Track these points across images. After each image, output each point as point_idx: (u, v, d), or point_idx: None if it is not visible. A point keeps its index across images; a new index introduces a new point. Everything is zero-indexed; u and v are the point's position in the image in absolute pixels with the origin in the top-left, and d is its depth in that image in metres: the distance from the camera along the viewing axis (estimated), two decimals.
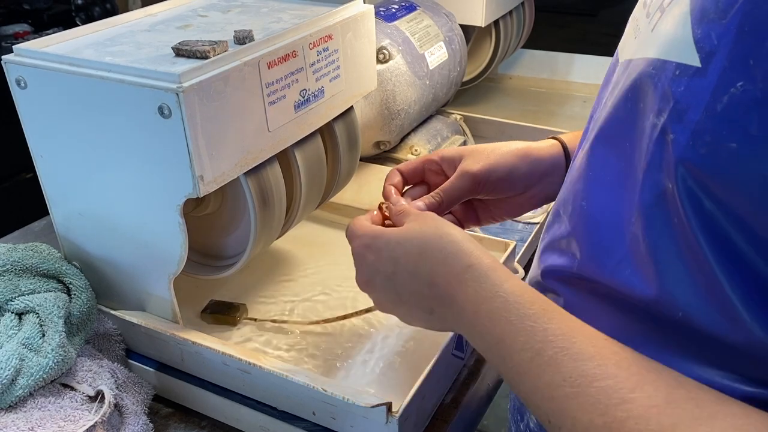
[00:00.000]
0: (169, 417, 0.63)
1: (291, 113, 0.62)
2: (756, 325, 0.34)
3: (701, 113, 0.34)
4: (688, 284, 0.37)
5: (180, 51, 0.55)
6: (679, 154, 0.35)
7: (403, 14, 1.02)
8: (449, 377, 0.64)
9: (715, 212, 0.35)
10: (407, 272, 0.49)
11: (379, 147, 0.99)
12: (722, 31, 0.33)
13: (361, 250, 0.52)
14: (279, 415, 0.58)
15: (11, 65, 0.58)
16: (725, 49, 0.33)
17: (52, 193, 0.65)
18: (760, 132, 0.32)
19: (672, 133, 0.36)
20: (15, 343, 0.56)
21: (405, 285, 0.50)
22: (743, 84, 0.32)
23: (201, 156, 0.53)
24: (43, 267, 0.62)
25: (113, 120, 0.55)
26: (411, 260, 0.49)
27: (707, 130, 0.34)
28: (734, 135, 0.33)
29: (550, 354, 0.39)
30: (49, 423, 0.52)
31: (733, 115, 0.33)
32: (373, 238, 0.52)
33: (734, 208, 0.34)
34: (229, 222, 0.67)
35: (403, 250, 0.49)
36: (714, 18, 0.34)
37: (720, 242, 0.35)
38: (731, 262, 0.35)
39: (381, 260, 0.51)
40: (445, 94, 1.09)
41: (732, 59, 0.33)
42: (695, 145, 0.34)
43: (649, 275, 0.40)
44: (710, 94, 0.34)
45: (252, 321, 0.71)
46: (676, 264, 0.38)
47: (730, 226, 0.34)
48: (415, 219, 0.52)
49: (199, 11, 0.71)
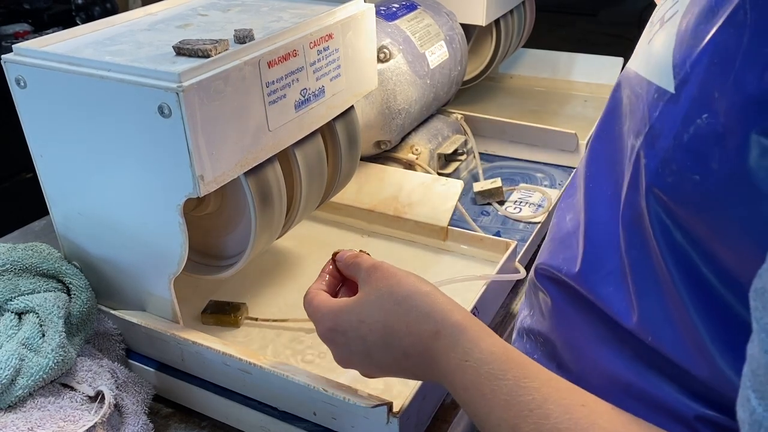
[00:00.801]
0: (170, 417, 0.63)
1: (291, 113, 0.62)
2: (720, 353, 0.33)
3: (671, 141, 0.34)
4: (660, 310, 0.37)
5: (181, 50, 0.55)
6: (649, 181, 0.35)
7: (403, 13, 1.02)
8: None
9: (682, 242, 0.34)
10: (379, 348, 0.46)
11: (379, 146, 0.98)
12: (696, 60, 0.33)
13: (328, 335, 0.49)
14: (279, 415, 0.58)
15: (11, 65, 0.58)
16: (697, 78, 0.33)
17: (52, 192, 0.64)
18: (720, 167, 0.31)
19: (645, 157, 0.36)
20: (15, 343, 0.56)
21: (382, 359, 0.46)
22: (708, 116, 0.32)
23: (201, 155, 0.53)
24: (42, 267, 0.62)
25: (113, 119, 0.55)
26: (378, 337, 0.46)
27: (675, 159, 0.33)
28: (697, 167, 0.32)
29: (526, 431, 0.37)
30: (48, 423, 0.52)
31: (697, 147, 0.32)
32: (335, 321, 0.48)
33: (700, 239, 0.33)
34: (230, 222, 0.67)
35: (368, 328, 0.46)
36: (691, 44, 0.34)
37: (688, 272, 0.34)
38: (697, 289, 0.34)
39: (350, 341, 0.47)
40: (446, 94, 1.09)
41: (701, 89, 0.32)
42: (663, 173, 0.34)
43: (628, 296, 0.39)
44: (680, 122, 0.33)
45: (253, 320, 0.71)
46: (651, 288, 0.37)
47: (696, 254, 0.34)
48: (367, 279, 0.48)
49: (199, 10, 0.71)
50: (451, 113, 1.13)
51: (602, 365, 0.42)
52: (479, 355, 0.41)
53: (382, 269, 0.48)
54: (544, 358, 0.48)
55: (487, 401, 0.39)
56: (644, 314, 0.38)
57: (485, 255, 0.80)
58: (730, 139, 0.30)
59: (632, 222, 0.38)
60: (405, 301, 0.45)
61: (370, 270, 0.48)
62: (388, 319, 0.45)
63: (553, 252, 0.48)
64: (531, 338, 0.51)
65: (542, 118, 1.17)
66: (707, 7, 0.33)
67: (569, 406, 0.37)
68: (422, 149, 1.01)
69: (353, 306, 0.47)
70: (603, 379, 0.42)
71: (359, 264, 0.49)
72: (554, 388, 0.38)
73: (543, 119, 1.16)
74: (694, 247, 0.34)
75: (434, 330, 0.43)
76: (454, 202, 0.84)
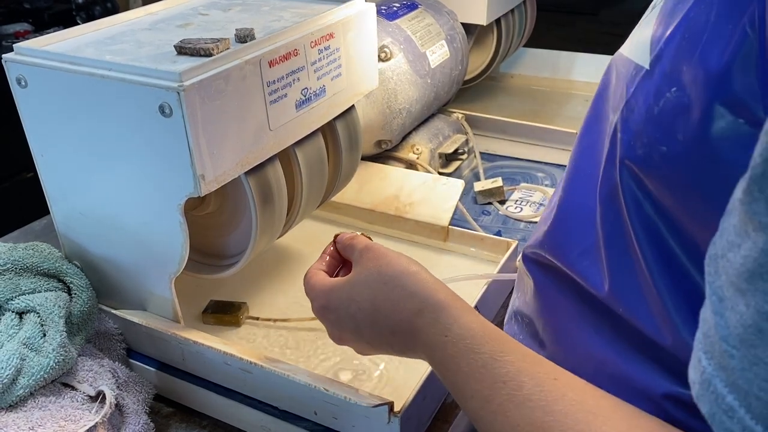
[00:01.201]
0: (170, 416, 0.63)
1: (292, 112, 0.62)
2: (684, 325, 0.35)
3: (643, 115, 0.35)
4: (630, 280, 0.38)
5: (183, 49, 0.55)
6: (623, 154, 0.37)
7: (404, 13, 1.02)
8: None
9: (651, 213, 0.35)
10: (367, 326, 0.48)
11: (380, 146, 0.98)
12: (669, 36, 0.35)
13: (321, 312, 0.51)
14: (280, 414, 0.58)
15: (12, 64, 0.58)
16: (669, 53, 0.34)
17: (53, 192, 0.64)
18: (684, 138, 0.32)
19: (620, 132, 0.37)
20: (16, 343, 0.56)
21: (372, 336, 0.48)
22: (676, 90, 0.33)
23: (202, 155, 0.53)
24: (43, 266, 0.62)
25: (114, 119, 0.55)
26: (367, 315, 0.47)
27: (645, 132, 0.35)
28: (665, 139, 0.33)
29: (499, 401, 0.39)
30: (49, 423, 0.52)
31: (665, 119, 0.34)
32: (327, 298, 0.50)
33: (668, 211, 0.35)
34: (230, 221, 0.67)
35: (357, 306, 0.48)
36: (668, 22, 0.35)
37: (656, 243, 0.35)
38: (666, 266, 0.35)
39: (341, 319, 0.49)
40: (447, 93, 1.09)
41: (672, 64, 0.34)
42: (635, 145, 0.35)
43: (602, 269, 0.40)
44: (652, 96, 0.35)
45: (254, 320, 0.71)
46: (622, 259, 0.38)
47: (665, 228, 0.35)
48: (359, 259, 0.50)
49: (199, 10, 0.71)
50: (452, 113, 1.13)
51: (579, 343, 0.43)
52: (458, 331, 0.42)
53: (373, 250, 0.49)
54: (527, 339, 0.50)
55: (463, 374, 0.41)
56: (615, 284, 0.39)
57: (486, 254, 0.80)
58: (694, 110, 0.32)
59: (608, 196, 0.39)
60: (392, 281, 0.46)
61: (363, 251, 0.50)
62: (375, 297, 0.47)
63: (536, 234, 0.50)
64: (518, 320, 0.52)
65: (543, 118, 1.17)
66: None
67: (542, 379, 0.38)
68: (423, 149, 1.01)
69: (344, 285, 0.49)
70: (580, 357, 0.43)
71: (354, 245, 0.51)
72: (528, 363, 0.40)
73: (544, 119, 1.16)
74: (663, 219, 0.35)
75: (418, 308, 0.44)
76: (455, 201, 0.84)
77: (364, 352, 0.51)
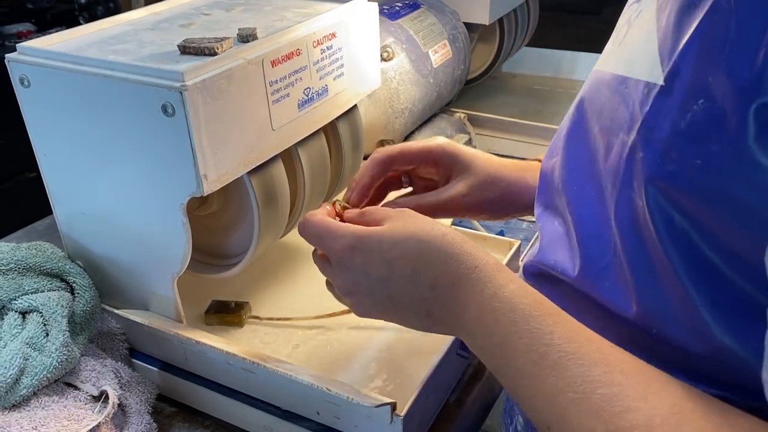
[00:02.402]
0: (173, 416, 0.63)
1: (295, 112, 0.62)
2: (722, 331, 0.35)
3: (668, 131, 0.35)
4: (659, 298, 0.38)
5: (186, 48, 0.55)
6: (649, 173, 0.36)
7: (407, 12, 1.02)
8: (454, 377, 0.64)
9: (686, 227, 0.35)
10: (404, 276, 0.46)
11: (382, 146, 0.98)
12: (684, 50, 0.34)
13: (347, 253, 0.48)
14: (283, 414, 0.58)
15: (14, 64, 0.58)
16: (688, 67, 0.34)
17: (56, 192, 0.65)
18: (720, 149, 0.32)
19: (641, 151, 0.37)
20: (19, 343, 0.56)
21: (401, 289, 0.46)
22: (704, 102, 0.33)
23: (205, 154, 0.53)
24: (46, 266, 0.62)
25: (117, 118, 0.55)
26: (409, 263, 0.46)
27: (674, 148, 0.34)
28: (698, 152, 0.33)
29: (555, 358, 0.39)
30: (52, 422, 0.52)
31: (696, 133, 0.33)
32: (360, 239, 0.47)
33: (704, 223, 0.34)
34: (233, 221, 0.67)
35: (399, 252, 0.46)
36: (677, 36, 0.35)
37: (690, 254, 0.35)
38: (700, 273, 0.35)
39: (372, 263, 0.47)
40: (449, 93, 1.09)
41: (694, 77, 0.34)
42: (663, 162, 0.35)
43: (627, 291, 0.40)
44: (676, 111, 0.34)
45: (256, 319, 0.71)
46: (649, 279, 0.38)
47: (699, 238, 0.35)
48: (399, 218, 0.48)
49: (202, 9, 0.71)
50: (455, 112, 1.13)
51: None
52: (514, 288, 0.43)
53: (414, 213, 0.49)
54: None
55: (517, 328, 0.41)
56: (643, 303, 0.39)
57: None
58: (730, 120, 0.31)
59: (627, 218, 0.39)
60: (445, 236, 0.46)
61: (398, 211, 0.49)
62: (424, 248, 0.46)
63: (544, 252, 0.49)
64: None
65: (545, 117, 1.17)
66: (686, 3, 0.35)
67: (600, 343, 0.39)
68: None
69: (386, 231, 0.47)
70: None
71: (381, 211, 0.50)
72: (582, 327, 0.41)
73: (546, 118, 1.16)
74: (698, 230, 0.35)
75: (473, 264, 0.45)
76: None
77: (371, 311, 0.50)
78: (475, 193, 0.59)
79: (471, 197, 0.59)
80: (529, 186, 0.59)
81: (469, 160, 0.60)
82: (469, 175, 0.59)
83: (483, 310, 0.43)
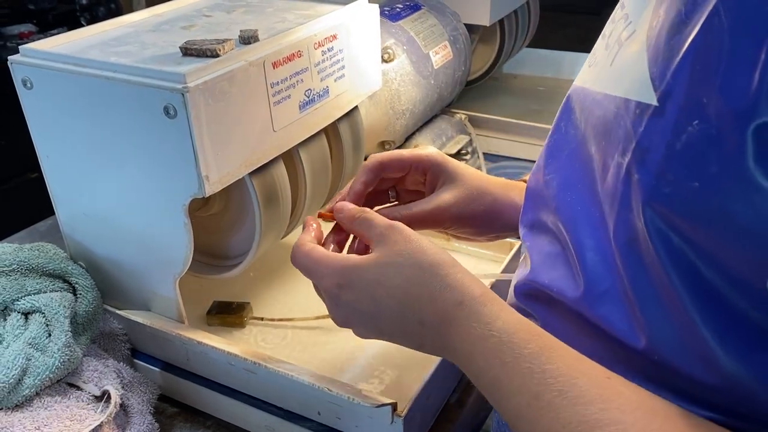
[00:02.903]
0: (175, 417, 0.63)
1: (296, 113, 0.62)
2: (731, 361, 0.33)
3: (663, 153, 0.34)
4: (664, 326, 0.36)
5: (188, 50, 0.55)
6: (645, 195, 0.35)
7: (407, 14, 1.02)
8: (454, 377, 0.64)
9: (685, 249, 0.34)
10: (391, 312, 0.45)
11: (383, 147, 0.99)
12: (676, 69, 0.33)
13: (334, 291, 0.47)
14: (284, 414, 0.58)
15: (17, 66, 0.59)
16: (681, 87, 0.33)
17: (58, 193, 0.65)
18: (719, 170, 0.31)
19: (636, 173, 0.36)
20: (21, 343, 0.56)
21: (392, 324, 0.46)
22: (698, 122, 0.32)
23: (206, 156, 0.53)
24: (49, 267, 0.62)
25: (119, 120, 0.55)
26: (394, 301, 0.45)
27: (670, 170, 0.33)
28: (695, 174, 0.32)
29: (549, 398, 0.37)
30: (55, 422, 0.53)
31: (692, 154, 0.32)
32: (347, 278, 0.47)
33: (703, 245, 0.33)
34: (234, 222, 0.67)
35: (384, 290, 0.45)
36: (668, 56, 0.34)
37: (692, 279, 0.34)
38: (704, 299, 0.34)
39: (360, 300, 0.46)
40: (450, 94, 1.09)
41: (687, 98, 0.33)
42: (659, 184, 0.34)
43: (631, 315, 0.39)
44: (670, 133, 0.33)
45: (258, 320, 0.71)
46: (653, 305, 0.37)
47: (701, 262, 0.33)
48: (385, 241, 0.47)
49: (203, 11, 0.71)
50: (455, 113, 1.13)
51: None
52: (502, 325, 0.41)
53: (400, 230, 0.47)
54: None
55: (508, 368, 0.39)
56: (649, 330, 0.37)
57: (490, 254, 0.80)
58: (727, 141, 0.30)
59: (627, 241, 0.38)
60: (430, 269, 0.45)
61: (388, 230, 0.47)
62: (409, 284, 0.45)
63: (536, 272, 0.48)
64: None
65: (546, 118, 1.17)
66: (677, 20, 0.34)
67: (595, 376, 0.37)
68: None
69: (370, 265, 0.46)
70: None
71: (372, 221, 0.49)
72: (577, 360, 0.39)
73: (547, 119, 1.15)
74: (698, 255, 0.33)
75: (458, 300, 0.43)
76: None
77: (368, 337, 0.50)
78: (460, 205, 0.58)
79: (456, 208, 0.58)
80: (514, 204, 0.58)
81: (457, 171, 0.59)
82: (456, 186, 0.58)
83: (472, 351, 0.42)
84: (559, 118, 0.48)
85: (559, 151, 0.47)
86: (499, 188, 0.59)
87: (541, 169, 0.49)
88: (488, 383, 0.41)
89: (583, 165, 0.43)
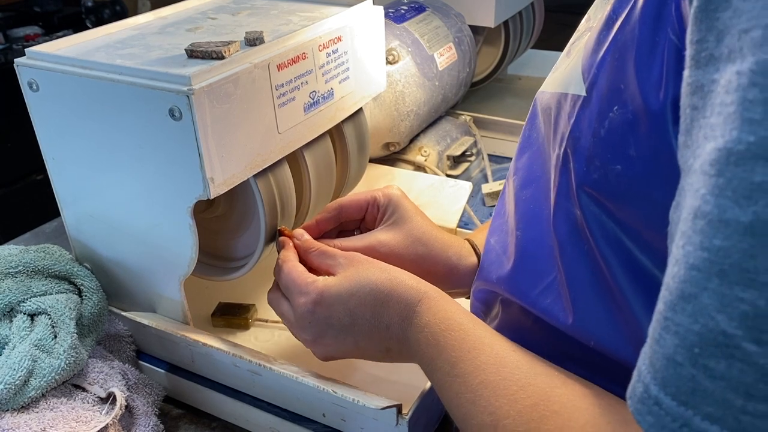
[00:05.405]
0: (180, 418, 0.63)
1: (301, 115, 0.62)
2: None
3: (590, 140, 0.36)
4: (599, 312, 0.38)
5: (194, 53, 0.55)
6: (578, 181, 0.37)
7: (412, 15, 1.02)
8: None
9: (618, 233, 0.36)
10: (366, 321, 0.50)
11: (388, 148, 0.99)
12: (600, 61, 0.36)
13: (310, 308, 0.52)
14: (289, 416, 0.58)
15: (23, 68, 0.59)
16: (603, 76, 0.35)
17: (64, 194, 0.65)
18: (637, 153, 0.33)
19: (573, 161, 0.38)
20: (27, 345, 0.56)
21: (364, 333, 0.51)
22: (617, 108, 0.34)
23: (211, 158, 0.53)
24: (54, 268, 0.62)
25: (124, 122, 0.56)
26: (368, 309, 0.50)
27: (596, 155, 0.36)
28: (617, 157, 0.34)
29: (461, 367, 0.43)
30: (60, 424, 0.53)
31: (613, 139, 0.34)
32: (321, 294, 0.51)
33: (632, 227, 0.35)
34: (239, 224, 0.67)
35: (358, 301, 0.50)
36: (596, 50, 0.37)
37: (626, 262, 0.36)
38: (638, 282, 0.35)
39: (335, 315, 0.51)
40: (455, 95, 1.09)
41: (608, 85, 0.35)
42: (589, 170, 0.36)
43: (566, 304, 0.41)
44: (595, 120, 0.35)
45: (262, 322, 0.71)
46: (589, 293, 0.39)
47: (634, 245, 0.35)
48: (350, 264, 0.53)
49: (208, 14, 0.71)
50: (460, 115, 1.13)
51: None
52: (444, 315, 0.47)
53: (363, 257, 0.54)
54: None
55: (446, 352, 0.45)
56: (583, 319, 0.40)
57: None
58: (641, 123, 0.32)
59: (564, 228, 0.40)
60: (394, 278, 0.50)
61: (351, 258, 0.53)
62: (378, 292, 0.50)
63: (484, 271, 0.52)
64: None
65: None
66: (607, 19, 0.37)
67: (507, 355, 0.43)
68: (431, 151, 1.01)
69: (343, 283, 0.51)
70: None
71: (332, 251, 0.55)
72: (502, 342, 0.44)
73: None
74: (631, 238, 0.35)
75: (417, 298, 0.49)
76: (463, 203, 0.84)
77: (335, 354, 0.54)
78: (393, 246, 0.58)
79: (388, 248, 0.58)
80: (448, 261, 0.59)
81: (407, 215, 0.60)
82: (397, 228, 0.59)
83: (418, 341, 0.47)
84: (526, 123, 0.51)
85: (521, 154, 0.50)
86: (438, 243, 0.60)
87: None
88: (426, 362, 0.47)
89: (542, 164, 0.45)
